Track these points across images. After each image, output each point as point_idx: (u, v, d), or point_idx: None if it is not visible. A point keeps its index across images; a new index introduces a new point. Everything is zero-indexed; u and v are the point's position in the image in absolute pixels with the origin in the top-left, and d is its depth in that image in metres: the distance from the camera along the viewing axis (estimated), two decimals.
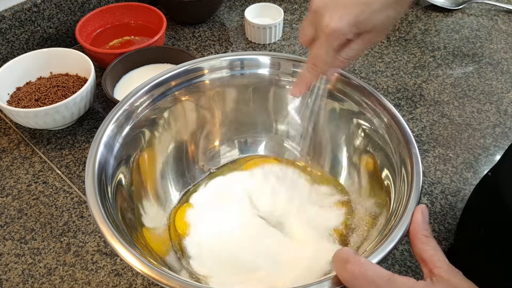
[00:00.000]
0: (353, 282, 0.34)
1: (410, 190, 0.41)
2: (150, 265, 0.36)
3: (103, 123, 0.47)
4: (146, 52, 0.71)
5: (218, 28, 0.85)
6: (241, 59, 0.55)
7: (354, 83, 0.51)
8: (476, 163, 0.62)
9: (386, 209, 0.45)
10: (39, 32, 0.76)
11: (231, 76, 0.55)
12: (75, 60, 0.67)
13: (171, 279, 0.35)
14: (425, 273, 0.35)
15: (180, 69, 0.53)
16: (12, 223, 0.55)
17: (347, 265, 0.34)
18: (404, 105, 0.70)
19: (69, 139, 0.65)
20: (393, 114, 0.48)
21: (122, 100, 0.49)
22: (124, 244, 0.37)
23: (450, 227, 0.55)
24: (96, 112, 0.69)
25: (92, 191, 0.41)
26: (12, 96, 0.65)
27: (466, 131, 0.67)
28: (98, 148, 0.45)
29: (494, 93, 0.72)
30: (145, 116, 0.51)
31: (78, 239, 0.54)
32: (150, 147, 0.53)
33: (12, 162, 0.62)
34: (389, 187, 0.46)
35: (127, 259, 0.37)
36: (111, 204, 0.43)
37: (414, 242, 0.37)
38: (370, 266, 0.34)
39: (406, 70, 0.76)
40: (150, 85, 0.51)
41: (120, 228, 0.41)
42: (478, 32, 0.84)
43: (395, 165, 0.46)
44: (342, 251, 0.35)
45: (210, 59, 0.54)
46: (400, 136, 0.46)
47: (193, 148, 0.57)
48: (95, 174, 0.43)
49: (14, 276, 0.51)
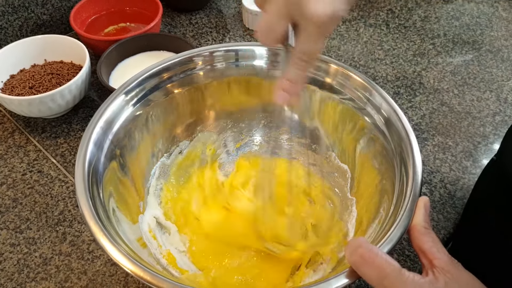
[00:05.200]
0: (362, 267, 0.34)
1: (411, 183, 0.41)
2: (141, 265, 0.36)
3: (92, 120, 0.45)
4: (142, 39, 0.70)
5: (215, 15, 0.83)
6: (236, 50, 0.53)
7: (352, 75, 0.50)
8: (476, 151, 0.62)
9: (386, 203, 0.44)
10: (32, 19, 0.74)
11: (226, 68, 0.54)
12: (69, 47, 0.66)
13: (161, 280, 0.35)
14: (424, 264, 0.35)
15: (173, 61, 0.52)
16: (7, 213, 0.55)
17: (358, 249, 0.34)
18: (403, 93, 0.70)
19: (64, 128, 0.64)
20: (392, 106, 0.47)
21: (111, 95, 0.48)
22: (114, 244, 0.37)
23: (449, 216, 0.55)
24: (92, 100, 0.68)
25: (83, 190, 0.40)
26: (5, 84, 0.64)
27: (465, 119, 0.66)
28: (88, 147, 0.43)
29: (494, 81, 0.72)
30: (137, 110, 0.50)
31: (74, 229, 0.53)
32: (142, 142, 0.51)
33: (7, 151, 0.61)
34: (388, 181, 0.46)
35: (117, 258, 0.36)
36: (102, 202, 0.42)
37: (414, 234, 0.37)
38: (381, 254, 0.34)
39: (405, 58, 0.76)
40: (141, 78, 0.50)
41: (110, 227, 0.40)
42: (478, 19, 0.83)
43: (394, 158, 0.45)
44: (356, 239, 0.36)
45: (204, 50, 0.53)
46: (401, 128, 0.45)
47: (187, 143, 0.56)
48: (85, 174, 0.41)
49: (9, 265, 0.50)
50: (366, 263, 0.34)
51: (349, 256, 0.35)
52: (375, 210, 0.46)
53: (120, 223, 0.43)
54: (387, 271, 0.33)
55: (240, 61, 0.54)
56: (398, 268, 0.33)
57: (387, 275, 0.32)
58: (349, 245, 0.35)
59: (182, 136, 0.56)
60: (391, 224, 0.39)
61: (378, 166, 0.48)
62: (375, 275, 0.33)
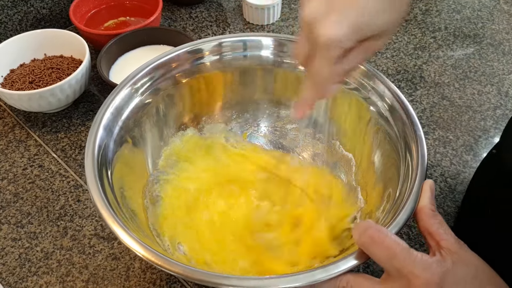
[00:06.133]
0: (372, 247, 0.34)
1: (416, 167, 0.41)
2: (154, 250, 0.36)
3: (102, 106, 0.46)
4: (142, 33, 0.69)
5: (215, 8, 0.83)
6: (243, 41, 0.54)
7: None
8: (476, 145, 0.62)
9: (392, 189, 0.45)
10: (32, 13, 0.74)
11: (233, 58, 0.54)
12: (69, 42, 0.66)
13: (173, 264, 0.35)
14: (432, 246, 0.36)
15: (180, 51, 0.52)
16: (8, 207, 0.55)
17: (368, 230, 0.35)
18: (404, 87, 0.69)
19: (65, 122, 0.64)
20: (397, 95, 0.47)
21: (122, 82, 0.49)
22: (126, 230, 0.37)
23: (450, 210, 0.55)
24: (92, 94, 0.68)
25: (93, 176, 0.41)
26: (5, 79, 0.64)
27: (466, 113, 0.66)
28: (98, 132, 0.44)
29: (495, 74, 0.72)
30: (145, 98, 0.50)
31: (75, 223, 0.53)
32: (150, 130, 0.52)
33: (7, 146, 0.61)
34: (393, 167, 0.46)
35: (129, 244, 0.36)
36: (112, 188, 0.43)
37: (421, 216, 0.37)
38: (390, 234, 0.34)
39: (406, 51, 0.75)
40: (150, 67, 0.50)
41: (121, 213, 0.40)
42: (479, 12, 0.83)
43: (400, 147, 0.45)
44: (365, 221, 0.36)
45: (211, 40, 0.53)
46: (405, 118, 0.45)
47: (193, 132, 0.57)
48: (95, 159, 0.42)
49: (11, 260, 0.50)
50: (376, 243, 0.34)
51: (358, 237, 0.35)
52: (381, 197, 0.46)
53: (128, 206, 0.44)
54: (396, 251, 0.33)
55: (248, 51, 0.54)
56: (406, 248, 0.33)
57: (396, 255, 0.33)
58: (358, 227, 0.36)
59: (189, 124, 0.56)
60: (398, 208, 0.39)
61: (383, 152, 0.48)
62: (385, 255, 0.34)
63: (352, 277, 0.35)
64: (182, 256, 0.47)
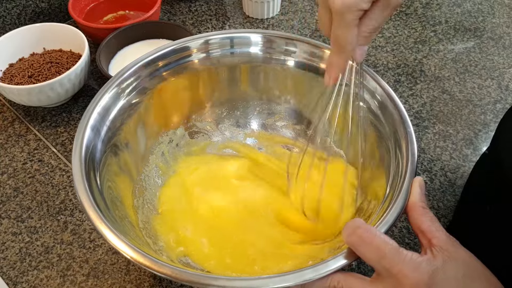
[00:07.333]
0: (361, 247, 0.34)
1: (406, 164, 0.41)
2: (141, 251, 0.36)
3: (89, 107, 0.45)
4: (141, 27, 0.69)
5: (215, 2, 0.83)
6: (231, 38, 0.53)
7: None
8: (476, 139, 0.62)
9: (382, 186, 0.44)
10: (31, 7, 0.74)
11: (221, 55, 0.54)
12: (68, 36, 0.66)
13: (161, 265, 0.35)
14: (423, 244, 0.36)
15: (167, 49, 0.52)
16: (8, 202, 0.55)
17: (357, 230, 0.35)
18: (404, 81, 0.69)
19: (64, 117, 0.64)
20: (388, 92, 0.47)
21: (107, 83, 0.48)
22: (113, 231, 0.37)
23: (449, 204, 0.55)
24: (91, 89, 0.68)
25: (80, 178, 0.40)
26: (4, 73, 0.64)
27: (466, 107, 0.66)
28: (85, 133, 0.43)
29: (496, 68, 0.71)
30: (133, 98, 0.50)
31: (75, 218, 0.53)
32: (139, 129, 0.51)
33: (7, 140, 0.61)
34: (384, 164, 0.46)
35: (117, 245, 0.37)
36: (100, 189, 0.42)
37: (412, 214, 0.37)
38: (379, 234, 0.34)
39: (406, 45, 0.75)
40: (137, 66, 0.50)
41: (109, 214, 0.40)
42: (480, 5, 0.83)
43: (390, 145, 0.45)
44: (354, 220, 0.36)
45: (199, 37, 0.53)
46: (396, 115, 0.45)
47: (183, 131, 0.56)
48: (82, 161, 0.42)
49: (12, 254, 0.50)
50: (365, 243, 0.34)
51: (347, 237, 0.35)
52: (372, 193, 0.46)
53: (117, 207, 0.43)
54: (385, 251, 0.33)
55: (235, 48, 0.54)
56: (396, 247, 0.33)
57: (385, 255, 0.33)
58: (347, 227, 0.36)
59: (178, 124, 0.56)
60: (387, 205, 0.39)
61: (373, 149, 0.48)
62: (374, 255, 0.34)
63: (342, 276, 0.35)
64: (190, 243, 0.47)
